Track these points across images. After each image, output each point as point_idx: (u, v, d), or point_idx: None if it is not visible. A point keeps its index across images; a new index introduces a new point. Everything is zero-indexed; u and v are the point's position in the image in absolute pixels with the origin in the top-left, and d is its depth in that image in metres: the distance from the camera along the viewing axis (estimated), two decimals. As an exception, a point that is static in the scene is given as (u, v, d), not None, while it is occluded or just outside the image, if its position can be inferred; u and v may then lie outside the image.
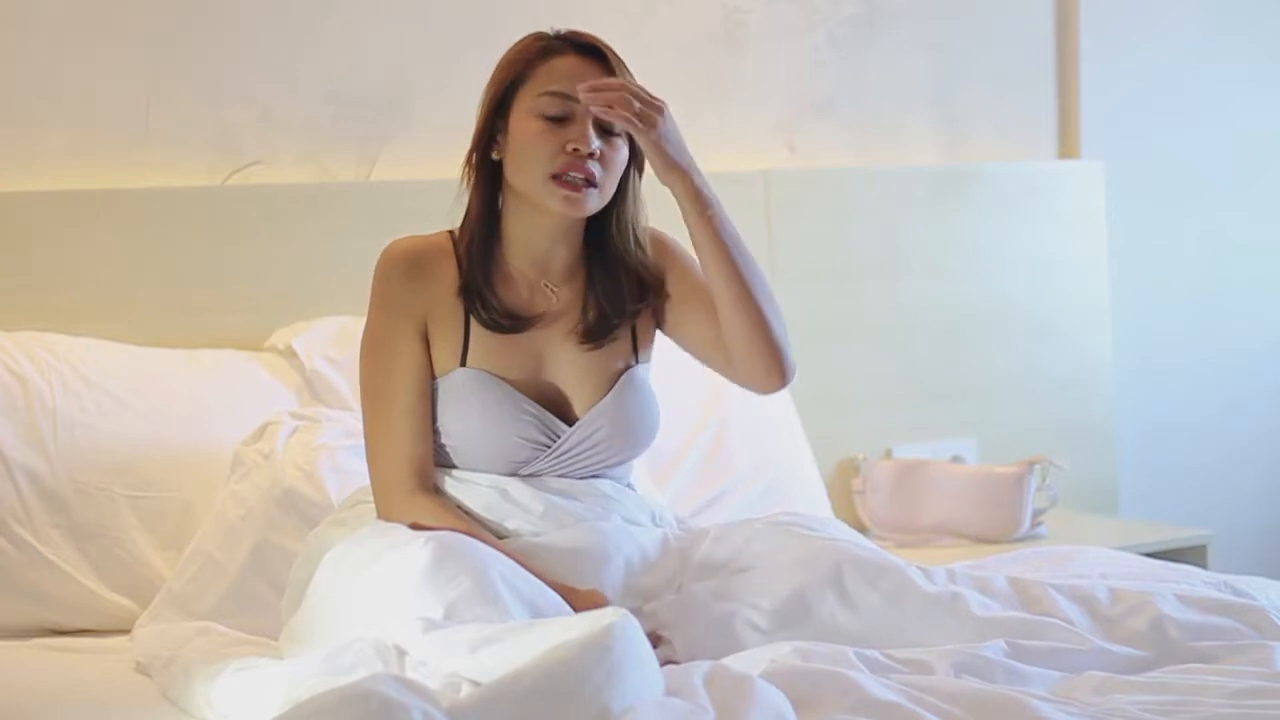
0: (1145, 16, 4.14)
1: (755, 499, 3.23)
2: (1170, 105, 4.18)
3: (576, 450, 2.47)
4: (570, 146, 2.40)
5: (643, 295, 2.52)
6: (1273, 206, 4.34)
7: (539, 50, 2.45)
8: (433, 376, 2.46)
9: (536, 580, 2.26)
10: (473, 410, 2.44)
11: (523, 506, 2.43)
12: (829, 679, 2.05)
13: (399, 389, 2.44)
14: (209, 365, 2.98)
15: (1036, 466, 3.50)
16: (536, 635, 2.01)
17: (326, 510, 2.64)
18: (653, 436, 2.55)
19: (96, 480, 2.79)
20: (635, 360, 2.54)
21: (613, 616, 1.98)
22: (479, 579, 2.17)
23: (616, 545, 2.41)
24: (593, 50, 2.45)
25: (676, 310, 2.54)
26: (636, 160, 2.49)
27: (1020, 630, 2.27)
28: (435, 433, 2.46)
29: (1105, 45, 4.05)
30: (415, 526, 2.33)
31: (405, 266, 2.47)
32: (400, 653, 2.14)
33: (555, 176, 2.40)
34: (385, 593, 2.20)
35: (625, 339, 2.54)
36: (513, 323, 2.46)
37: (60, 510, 2.76)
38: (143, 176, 3.12)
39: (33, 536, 2.74)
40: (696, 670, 2.06)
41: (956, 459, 3.67)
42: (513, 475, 2.45)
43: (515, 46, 2.48)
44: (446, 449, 2.47)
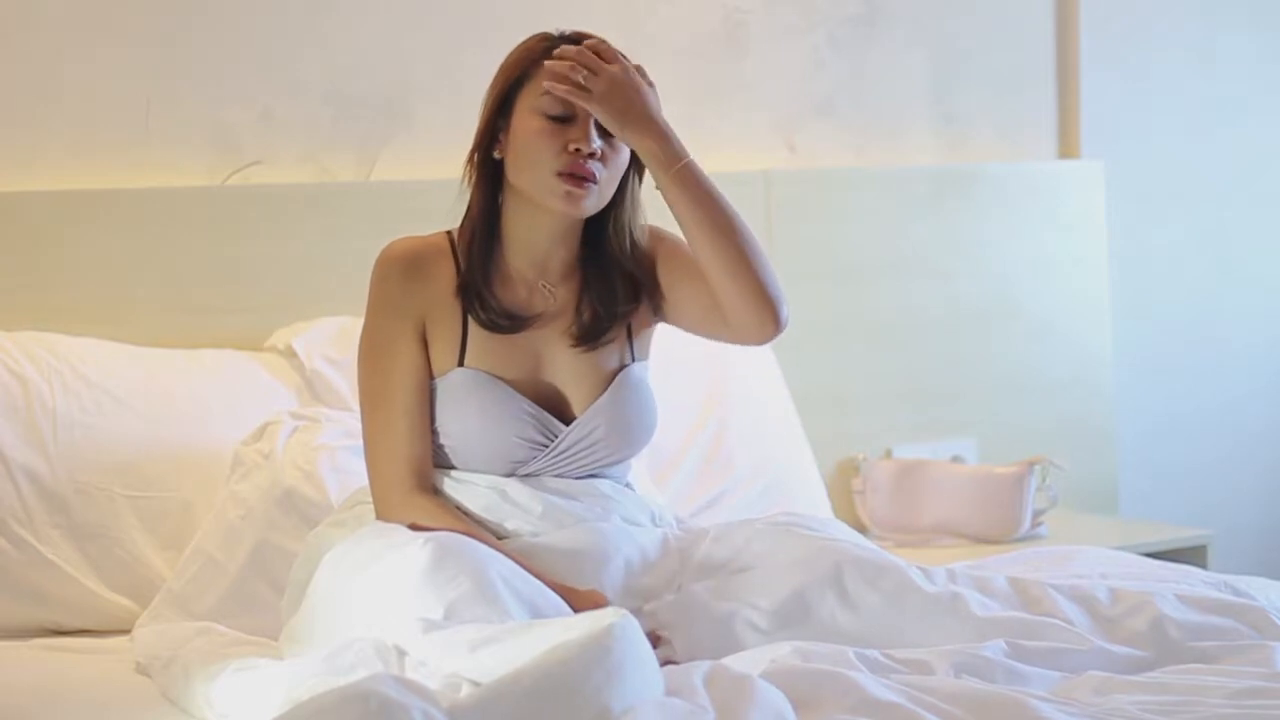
0: (1145, 17, 4.13)
1: (755, 499, 3.23)
2: (1170, 105, 4.18)
3: (574, 449, 2.47)
4: (572, 146, 2.40)
5: (636, 295, 2.52)
6: (1273, 207, 4.34)
7: (543, 50, 2.45)
8: (431, 377, 2.47)
9: (536, 581, 2.26)
10: (471, 410, 2.44)
11: (522, 507, 2.43)
12: (829, 679, 2.05)
13: (397, 389, 2.44)
14: (209, 365, 2.98)
15: (1036, 466, 3.50)
16: (536, 635, 2.01)
17: (326, 510, 2.64)
18: (650, 435, 2.55)
19: (96, 480, 2.79)
20: (632, 358, 2.53)
21: (613, 617, 1.98)
22: (479, 579, 2.17)
23: (616, 545, 2.41)
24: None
25: (671, 291, 2.52)
26: (636, 164, 2.49)
27: (1020, 630, 2.27)
28: (433, 433, 2.46)
29: (1105, 45, 4.05)
30: (414, 527, 2.33)
31: (403, 267, 2.47)
32: (400, 653, 2.14)
33: (557, 175, 2.40)
34: (385, 593, 2.20)
35: (621, 338, 2.53)
36: (511, 323, 2.46)
37: (60, 510, 2.76)
38: (143, 176, 3.12)
39: (33, 536, 2.74)
40: (696, 670, 2.06)
41: (956, 459, 3.67)
42: (511, 475, 2.45)
43: (519, 46, 2.48)
44: (445, 449, 2.46)
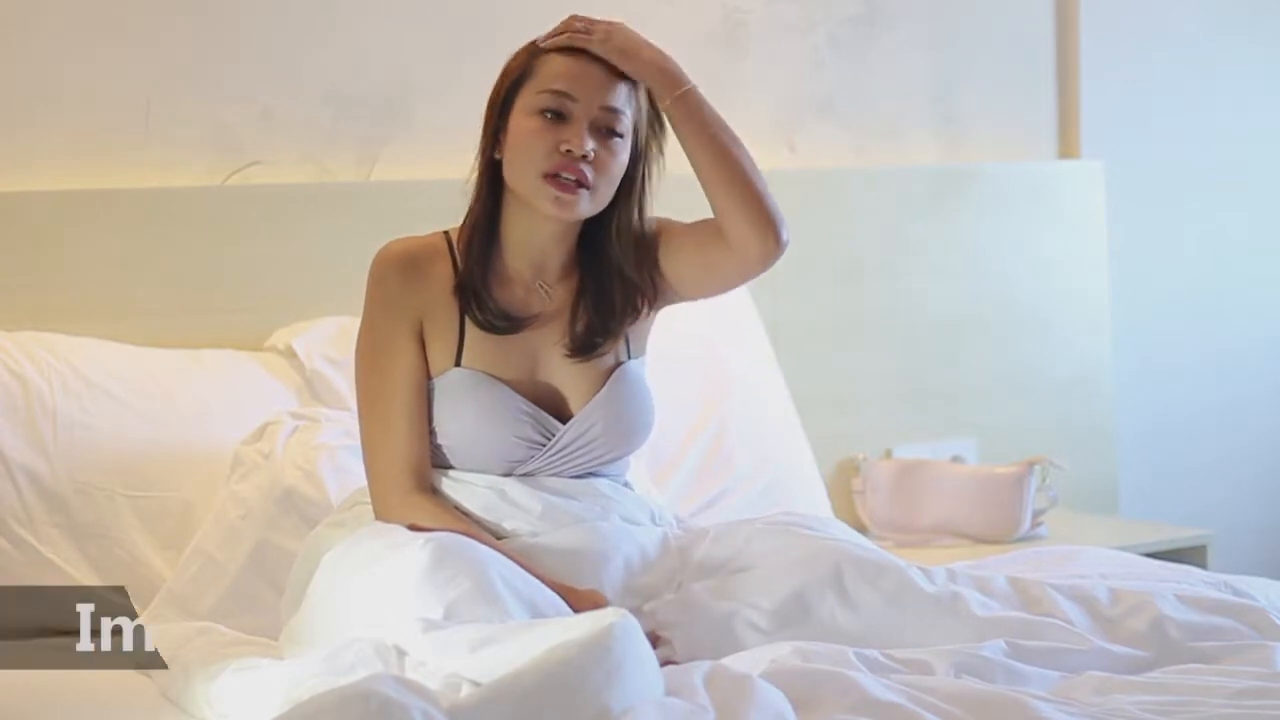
0: (1145, 17, 4.13)
1: (755, 499, 3.22)
2: (1170, 105, 4.18)
3: (572, 448, 2.46)
4: (564, 147, 2.39)
5: (633, 302, 2.51)
6: (1273, 206, 4.34)
7: (541, 50, 2.45)
8: (428, 377, 2.46)
9: (536, 580, 2.26)
10: (468, 410, 2.44)
11: (521, 507, 2.43)
12: (829, 679, 2.05)
13: (396, 390, 2.44)
14: (209, 365, 2.98)
15: (1036, 466, 3.50)
16: (536, 635, 2.01)
17: (326, 510, 2.64)
18: (648, 432, 2.55)
19: (96, 480, 2.79)
20: (628, 355, 2.53)
21: (613, 617, 1.98)
22: (478, 579, 2.17)
23: (616, 545, 2.40)
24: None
25: (670, 261, 2.51)
26: (642, 164, 2.48)
27: (1020, 630, 2.27)
28: (431, 433, 2.46)
29: (1105, 45, 4.04)
30: (414, 527, 2.32)
31: (400, 267, 2.46)
32: (400, 653, 2.13)
33: (547, 176, 2.40)
34: (385, 593, 2.20)
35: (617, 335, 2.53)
36: (508, 324, 2.46)
37: (60, 510, 2.76)
38: (143, 176, 3.12)
39: (33, 536, 2.74)
40: (696, 670, 2.06)
41: (956, 459, 3.66)
42: (509, 475, 2.45)
43: (517, 51, 2.48)
44: (443, 449, 2.46)
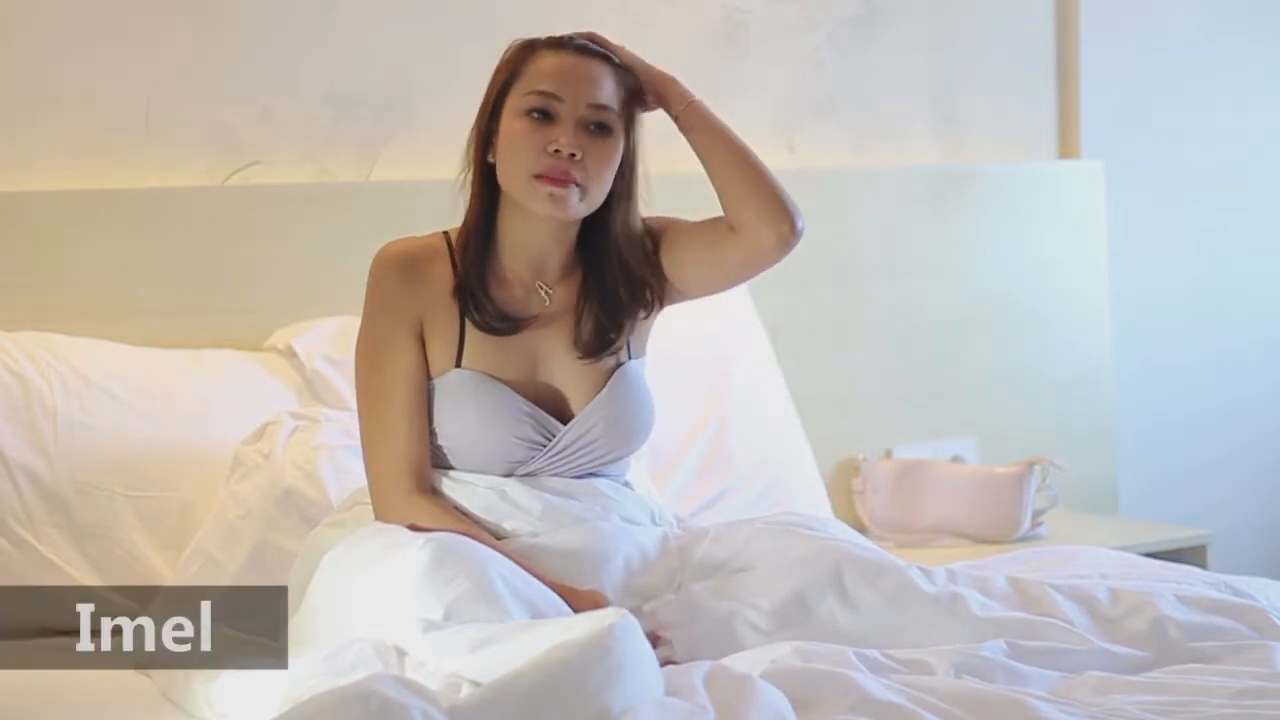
0: (1145, 17, 4.13)
1: (755, 499, 3.22)
2: (1170, 105, 4.18)
3: (572, 448, 2.47)
4: (552, 148, 2.40)
5: (639, 296, 2.52)
6: (1273, 206, 4.34)
7: (528, 50, 2.45)
8: (429, 377, 2.46)
9: (536, 580, 2.26)
10: (468, 411, 2.44)
11: (521, 507, 2.43)
12: (829, 679, 2.05)
13: (396, 390, 2.44)
14: (209, 365, 2.98)
15: (1036, 466, 3.50)
16: (536, 635, 2.01)
17: (326, 510, 2.64)
18: (648, 432, 2.55)
19: (96, 480, 2.79)
20: (629, 356, 2.53)
21: (613, 617, 1.98)
22: (479, 579, 2.17)
23: (616, 545, 2.41)
24: (583, 48, 2.45)
25: (673, 258, 2.52)
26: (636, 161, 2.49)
27: (1020, 630, 2.27)
28: (431, 434, 2.46)
29: (1105, 45, 4.04)
30: (414, 527, 2.33)
31: (400, 268, 2.46)
32: (400, 653, 2.14)
33: (537, 177, 2.40)
34: (385, 593, 2.20)
35: (617, 335, 2.54)
36: (507, 325, 2.46)
37: (60, 510, 2.76)
38: (143, 176, 3.12)
39: (33, 536, 2.74)
40: (696, 670, 2.06)
41: (956, 459, 3.67)
42: (509, 475, 2.45)
43: (506, 51, 2.48)
44: (443, 450, 2.46)
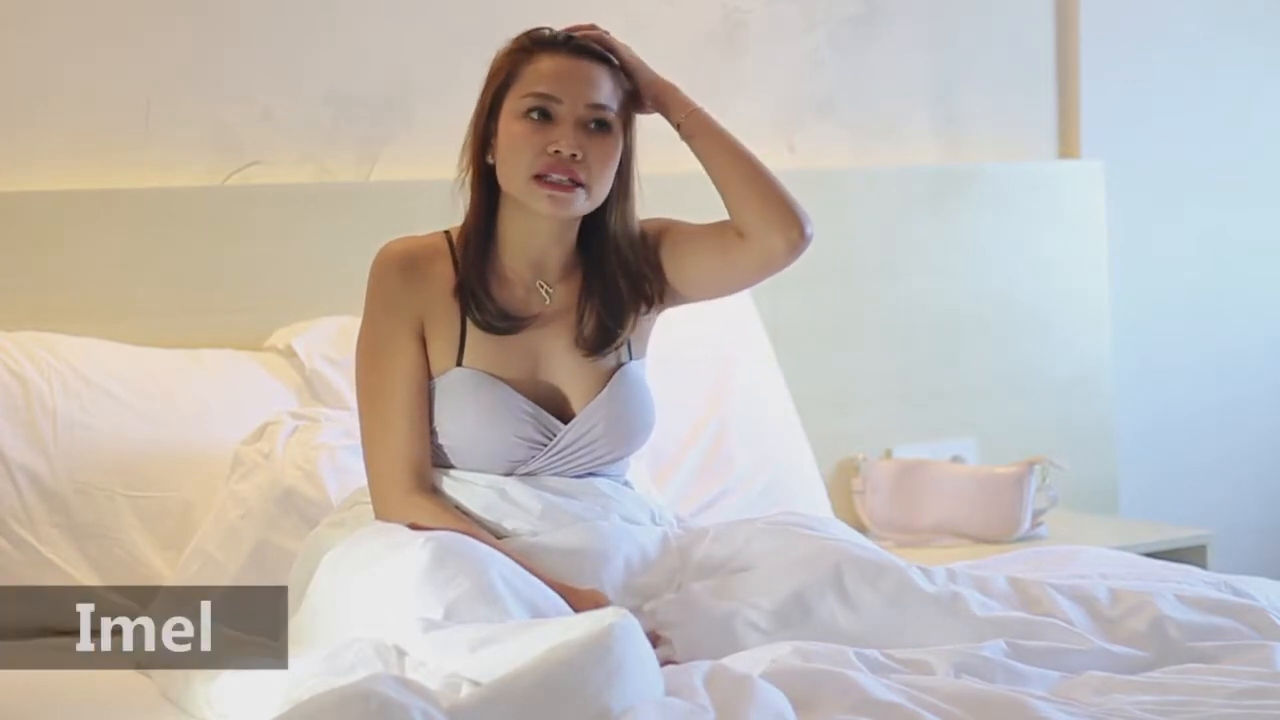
0: (1145, 17, 4.13)
1: (755, 499, 3.22)
2: (1170, 105, 4.18)
3: (573, 448, 2.47)
4: (552, 148, 2.40)
5: (641, 294, 2.52)
6: (1273, 207, 4.34)
7: (525, 51, 2.45)
8: (429, 376, 2.46)
9: (536, 580, 2.26)
10: (469, 410, 2.44)
11: (521, 506, 2.43)
12: (829, 679, 2.05)
13: (396, 389, 2.44)
14: (209, 365, 2.98)
15: (1036, 466, 3.50)
16: (536, 635, 2.01)
17: (326, 510, 2.64)
18: (648, 432, 2.55)
19: (96, 480, 2.79)
20: (629, 356, 2.53)
21: (613, 617, 1.98)
22: (479, 579, 2.17)
23: (616, 545, 2.41)
24: (580, 48, 2.45)
25: (675, 260, 2.52)
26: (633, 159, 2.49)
27: (1020, 630, 2.27)
28: (432, 433, 2.46)
29: (1105, 45, 4.04)
30: (414, 527, 2.33)
31: (401, 267, 2.47)
32: (400, 653, 2.14)
33: (538, 178, 2.40)
34: (385, 593, 2.20)
35: (618, 336, 2.54)
36: (508, 324, 2.46)
37: (60, 510, 2.76)
38: (143, 176, 3.12)
39: (33, 536, 2.73)
40: (696, 670, 2.06)
41: (956, 459, 3.67)
42: (510, 475, 2.45)
43: (503, 49, 2.48)
44: (444, 449, 2.46)
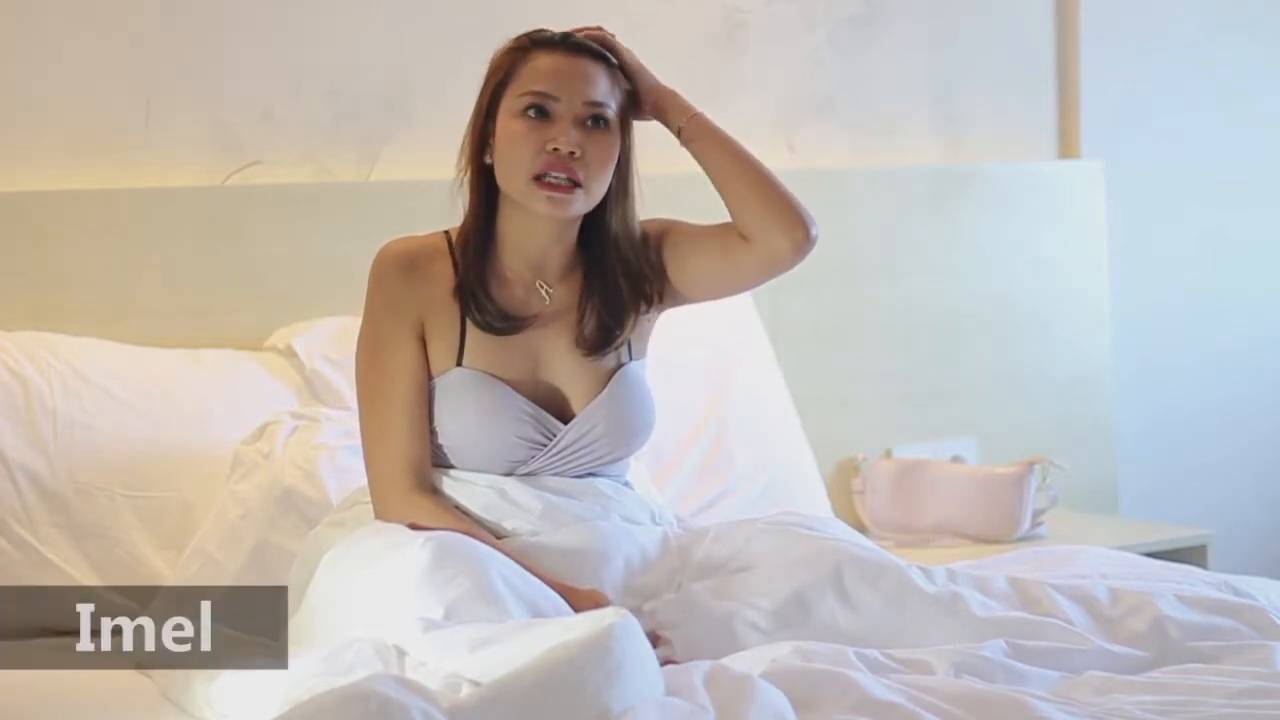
0: (1145, 17, 4.13)
1: (755, 499, 3.22)
2: (1170, 105, 4.18)
3: (573, 448, 2.47)
4: (550, 146, 2.40)
5: (642, 294, 2.52)
6: (1273, 207, 4.34)
7: (522, 50, 2.45)
8: (429, 376, 2.46)
9: (536, 580, 2.26)
10: (469, 410, 2.44)
11: (521, 506, 2.43)
12: (829, 679, 2.05)
13: (396, 389, 2.44)
14: (209, 365, 2.98)
15: (1036, 466, 3.50)
16: (536, 635, 2.01)
17: (326, 510, 2.64)
18: (648, 433, 2.55)
19: (96, 480, 2.79)
20: (629, 357, 2.53)
21: (613, 617, 1.98)
22: (479, 579, 2.17)
23: (616, 545, 2.41)
24: (578, 46, 2.45)
25: (677, 261, 2.52)
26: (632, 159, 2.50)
27: (1020, 630, 2.27)
28: (432, 433, 2.46)
29: (1105, 45, 4.04)
30: (414, 527, 2.33)
31: (401, 267, 2.47)
32: (400, 653, 2.14)
33: (537, 178, 2.40)
34: (385, 593, 2.20)
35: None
36: (507, 324, 2.46)
37: (60, 510, 2.76)
38: (143, 176, 3.12)
39: (33, 536, 2.73)
40: (696, 670, 2.06)
41: (956, 459, 3.67)
42: (510, 475, 2.45)
43: (501, 49, 2.48)
44: (444, 449, 2.46)
